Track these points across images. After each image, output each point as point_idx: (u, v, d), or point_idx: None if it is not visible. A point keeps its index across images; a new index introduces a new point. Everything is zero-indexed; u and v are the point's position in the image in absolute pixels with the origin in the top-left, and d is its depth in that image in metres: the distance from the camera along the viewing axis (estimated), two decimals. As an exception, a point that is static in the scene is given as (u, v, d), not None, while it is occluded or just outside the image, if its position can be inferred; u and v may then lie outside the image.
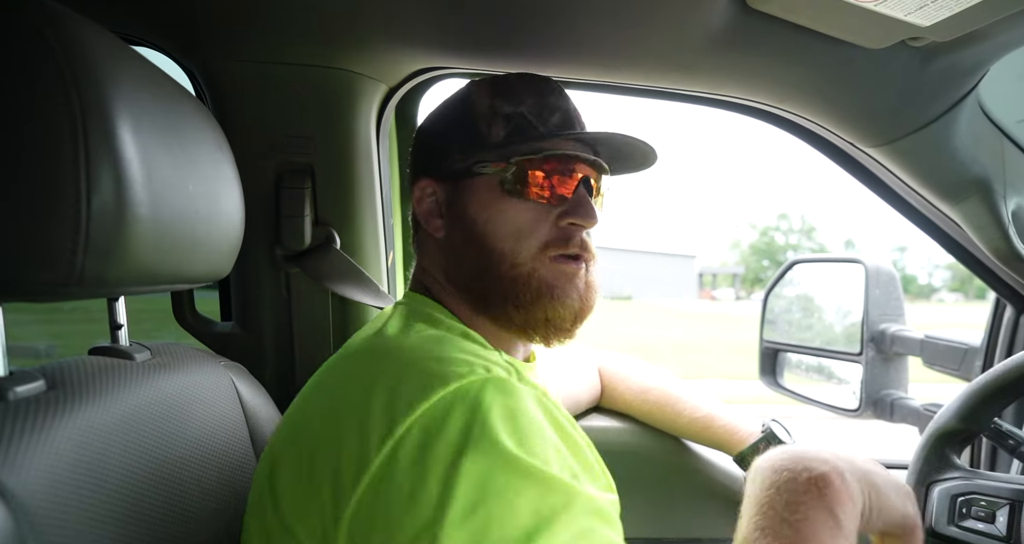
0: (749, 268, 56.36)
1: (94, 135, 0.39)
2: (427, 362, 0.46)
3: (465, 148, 0.61)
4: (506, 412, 0.42)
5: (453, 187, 0.62)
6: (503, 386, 0.44)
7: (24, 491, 0.36)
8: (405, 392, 0.43)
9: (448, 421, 0.41)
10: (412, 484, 0.39)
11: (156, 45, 0.79)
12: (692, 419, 0.90)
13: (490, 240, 0.58)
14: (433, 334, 0.53)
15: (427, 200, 0.63)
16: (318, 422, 0.47)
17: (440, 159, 0.63)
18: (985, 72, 0.75)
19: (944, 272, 58.31)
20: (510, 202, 0.59)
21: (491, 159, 0.59)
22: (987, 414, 0.75)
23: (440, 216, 0.63)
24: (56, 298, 0.42)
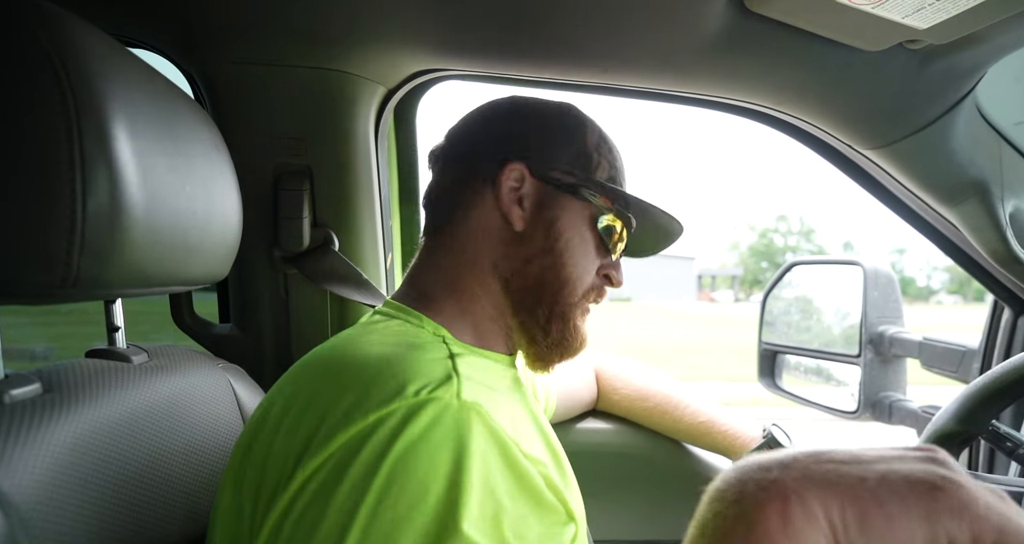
0: (748, 270, 56.43)
1: (89, 137, 0.38)
2: (359, 384, 0.44)
3: (574, 166, 0.60)
4: (420, 441, 0.40)
5: (547, 191, 0.60)
6: (433, 407, 0.41)
7: (20, 494, 0.36)
8: (328, 420, 0.42)
9: (359, 456, 0.39)
10: (314, 518, 0.38)
11: (153, 47, 0.79)
12: (693, 424, 0.89)
13: (565, 260, 0.59)
14: (388, 346, 0.50)
15: (511, 184, 0.59)
16: (257, 438, 0.46)
17: (544, 157, 0.60)
18: (983, 75, 0.75)
19: (943, 274, 58.43)
20: (591, 236, 0.61)
21: (599, 193, 0.61)
22: (985, 416, 0.75)
23: (521, 207, 0.59)
24: (52, 300, 0.41)
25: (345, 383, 0.44)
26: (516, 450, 0.44)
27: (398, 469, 0.38)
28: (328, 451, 0.40)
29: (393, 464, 0.39)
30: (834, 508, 0.25)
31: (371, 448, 0.39)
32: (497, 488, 0.41)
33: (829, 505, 0.25)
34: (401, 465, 0.39)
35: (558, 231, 0.59)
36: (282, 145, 0.81)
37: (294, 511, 0.39)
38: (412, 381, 0.43)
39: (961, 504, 0.24)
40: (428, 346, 0.50)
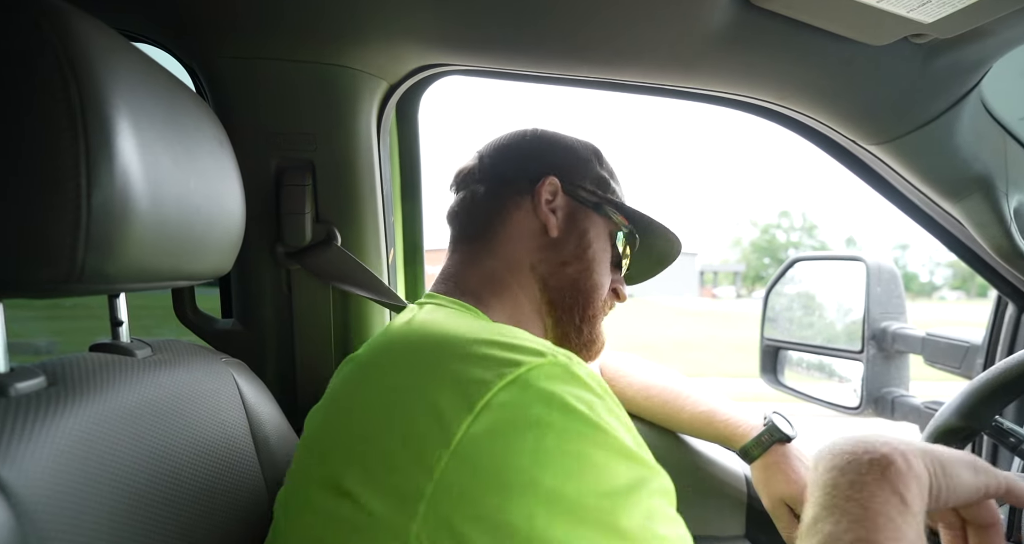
0: (750, 266, 56.36)
1: (94, 130, 0.38)
2: (492, 345, 0.45)
3: (597, 186, 0.70)
4: (580, 392, 0.43)
5: (575, 205, 0.69)
6: (572, 368, 0.45)
7: (24, 487, 0.36)
8: (478, 373, 0.43)
9: (527, 399, 0.41)
10: (498, 460, 0.39)
11: (156, 41, 0.79)
12: (694, 415, 0.90)
13: (594, 267, 0.68)
14: (487, 324, 0.55)
15: (546, 196, 0.68)
16: (379, 410, 0.46)
17: (573, 176, 0.69)
18: (988, 69, 0.74)
19: (945, 270, 58.30)
20: (610, 250, 0.71)
21: (617, 211, 0.71)
22: (988, 412, 0.75)
23: (555, 217, 0.68)
24: (57, 294, 0.41)
25: (474, 348, 0.45)
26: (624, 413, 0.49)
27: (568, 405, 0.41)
28: (493, 390, 0.41)
29: (561, 407, 0.41)
30: (927, 460, 0.43)
31: (534, 393, 0.41)
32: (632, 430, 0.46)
33: (924, 459, 0.43)
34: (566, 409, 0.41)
35: (588, 241, 0.68)
36: (284, 140, 0.81)
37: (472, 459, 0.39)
38: (544, 345, 0.46)
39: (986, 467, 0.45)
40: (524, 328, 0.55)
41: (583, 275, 0.67)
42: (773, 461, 0.83)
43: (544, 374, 0.43)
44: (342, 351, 0.86)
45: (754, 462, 0.84)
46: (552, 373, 0.43)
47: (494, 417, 0.40)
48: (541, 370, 0.43)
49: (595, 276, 0.68)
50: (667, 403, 0.92)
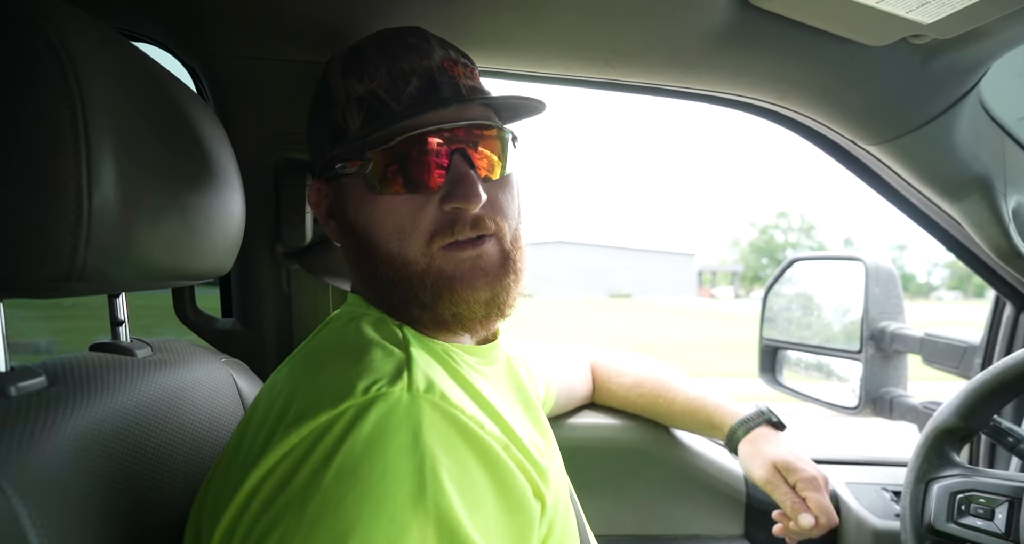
0: (748, 266, 56.41)
1: (95, 130, 0.38)
2: (317, 385, 0.45)
3: (334, 145, 0.55)
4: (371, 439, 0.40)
5: (332, 188, 0.58)
6: (382, 404, 0.41)
7: (26, 484, 0.36)
8: (282, 423, 0.43)
9: (309, 458, 0.40)
10: (264, 523, 0.39)
11: (156, 41, 0.79)
12: (684, 404, 0.90)
13: (375, 243, 0.53)
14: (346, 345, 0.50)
15: (323, 203, 0.59)
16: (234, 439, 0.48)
17: (316, 158, 0.59)
18: (986, 70, 0.75)
19: (943, 270, 58.41)
20: (380, 199, 0.53)
21: (347, 157, 0.54)
22: (987, 412, 0.75)
23: (333, 218, 0.59)
24: (58, 294, 0.41)
25: (301, 388, 0.45)
26: (477, 428, 0.44)
27: (348, 465, 0.38)
28: (280, 453, 0.40)
29: (342, 461, 0.39)
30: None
31: (322, 448, 0.40)
32: (456, 468, 0.41)
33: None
34: (352, 463, 0.39)
35: (351, 220, 0.55)
36: (284, 140, 0.81)
37: (248, 511, 0.40)
38: (362, 379, 0.43)
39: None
40: (383, 342, 0.49)
41: (370, 258, 0.54)
42: (762, 434, 0.84)
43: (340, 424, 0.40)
44: (342, 351, 0.86)
45: (741, 441, 0.84)
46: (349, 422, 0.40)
47: (276, 478, 0.40)
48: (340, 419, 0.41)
49: (383, 246, 0.53)
50: (659, 396, 0.93)
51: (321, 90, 0.58)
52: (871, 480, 1.02)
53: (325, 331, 0.55)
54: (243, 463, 0.43)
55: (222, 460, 0.47)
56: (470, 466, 0.43)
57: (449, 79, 0.54)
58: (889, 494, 0.99)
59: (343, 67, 0.55)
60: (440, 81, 0.53)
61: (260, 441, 0.43)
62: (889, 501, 0.98)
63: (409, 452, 0.40)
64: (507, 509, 0.44)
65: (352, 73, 0.54)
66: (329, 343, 0.52)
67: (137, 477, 0.46)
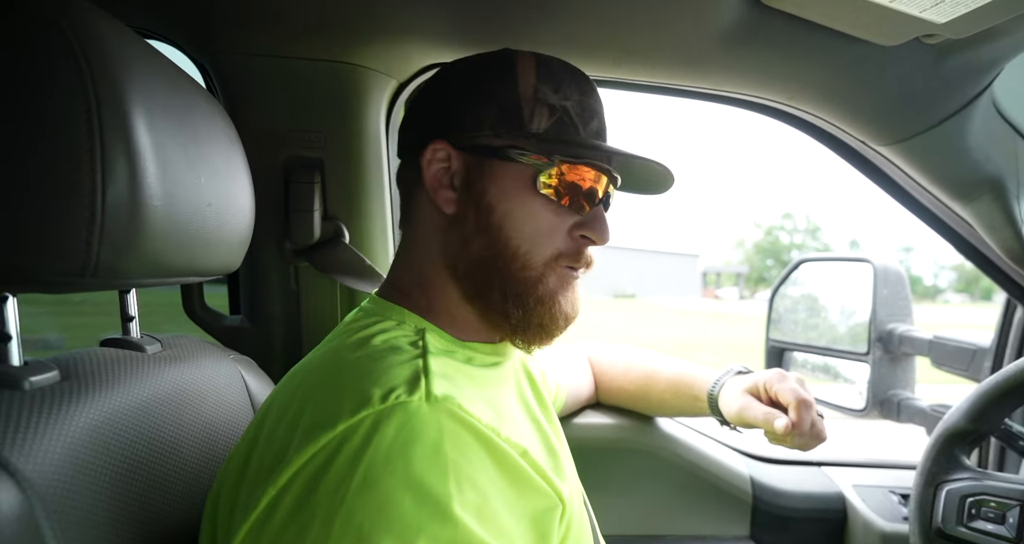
0: (753, 267, 56.20)
1: (109, 127, 0.39)
2: (333, 392, 0.44)
3: (502, 126, 0.55)
4: (393, 447, 0.40)
5: (475, 162, 0.55)
6: (401, 412, 0.42)
7: (39, 477, 0.36)
8: (298, 434, 0.42)
9: (331, 467, 0.39)
10: (289, 535, 0.39)
11: (168, 39, 0.80)
12: (669, 381, 0.89)
13: (506, 233, 0.54)
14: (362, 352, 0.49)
15: (437, 166, 0.56)
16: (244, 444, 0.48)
17: (466, 126, 0.56)
18: (1000, 70, 0.74)
19: (950, 273, 58.00)
20: (537, 200, 0.54)
21: (531, 150, 0.54)
22: (997, 415, 0.75)
23: (452, 188, 0.56)
24: (70, 289, 0.42)
25: (317, 394, 0.45)
26: (494, 436, 0.45)
27: (371, 476, 0.39)
28: (299, 463, 0.40)
29: (365, 472, 0.39)
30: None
31: (343, 458, 0.39)
32: (476, 476, 0.42)
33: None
34: (375, 474, 0.39)
35: (489, 205, 0.54)
36: (293, 137, 0.82)
37: (272, 522, 0.39)
38: (379, 387, 0.43)
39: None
40: (400, 348, 0.50)
41: (493, 248, 0.54)
42: (731, 382, 0.82)
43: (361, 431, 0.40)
44: (349, 348, 0.86)
45: (718, 398, 0.82)
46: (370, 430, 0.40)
47: (296, 490, 0.40)
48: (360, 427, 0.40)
49: (513, 242, 0.54)
50: (648, 377, 0.92)
51: (498, 73, 0.57)
52: (879, 483, 1.01)
53: (342, 333, 0.55)
54: (260, 467, 0.43)
55: (234, 458, 0.47)
56: (489, 474, 0.43)
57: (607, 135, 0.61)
58: (897, 497, 0.99)
59: (537, 71, 0.56)
60: (606, 130, 0.60)
61: (277, 445, 0.43)
62: (897, 504, 0.97)
63: (431, 462, 0.40)
64: (526, 514, 0.45)
65: (548, 81, 0.56)
66: (346, 346, 0.52)
67: (147, 471, 0.46)
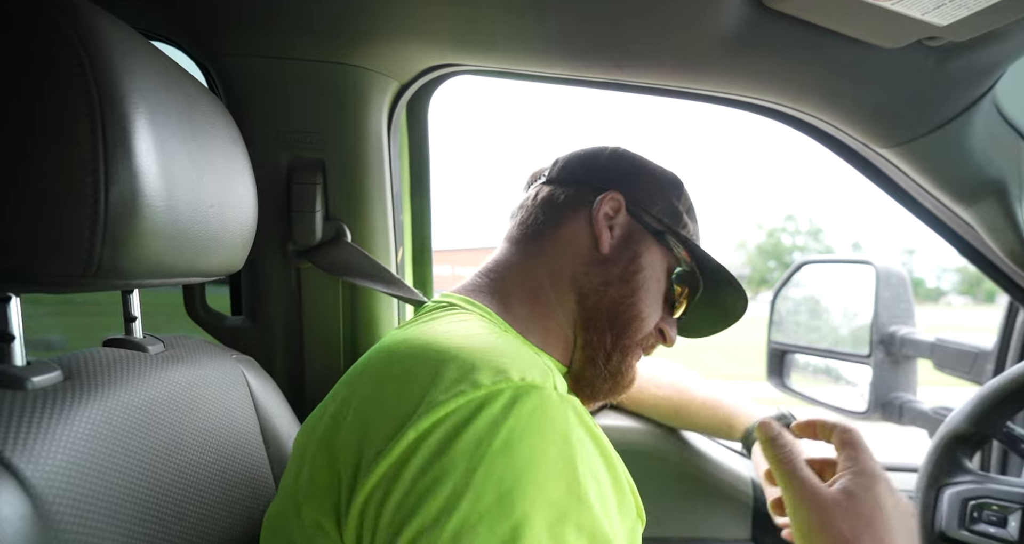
0: (755, 269, 56.12)
1: (111, 126, 0.39)
2: (465, 359, 0.44)
3: (666, 215, 0.66)
4: (531, 421, 0.41)
5: (635, 227, 0.65)
6: (537, 394, 0.42)
7: (42, 478, 0.37)
8: (437, 388, 0.42)
9: (471, 425, 0.39)
10: (427, 481, 0.38)
11: (170, 40, 0.80)
12: (703, 401, 0.90)
13: (640, 294, 0.63)
14: (481, 332, 0.52)
15: (606, 210, 0.64)
16: (351, 413, 0.46)
17: (644, 198, 0.66)
18: (1002, 73, 0.74)
19: (953, 275, 57.84)
20: (663, 284, 0.66)
21: (682, 245, 0.66)
22: (999, 418, 0.74)
23: (611, 235, 0.64)
24: (73, 290, 0.42)
25: (446, 360, 0.44)
26: (608, 445, 0.46)
27: (513, 441, 0.39)
28: (439, 415, 0.40)
29: (507, 436, 0.39)
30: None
31: (484, 418, 0.39)
32: (598, 472, 0.42)
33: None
34: (517, 437, 0.39)
35: (639, 265, 0.64)
36: (295, 138, 0.82)
37: (405, 474, 0.39)
38: (515, 367, 0.43)
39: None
40: (517, 342, 0.52)
41: (626, 300, 0.63)
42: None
43: (497, 401, 0.40)
44: (351, 349, 0.86)
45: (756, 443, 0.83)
46: (511, 399, 0.40)
47: (436, 440, 0.39)
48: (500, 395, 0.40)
49: (639, 305, 0.63)
50: (679, 391, 0.93)
51: (672, 176, 0.70)
52: None
53: (428, 319, 0.56)
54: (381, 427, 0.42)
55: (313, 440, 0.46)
56: (605, 476, 0.44)
57: None
58: (899, 500, 0.98)
59: (690, 198, 0.70)
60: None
61: (407, 392, 0.42)
62: (898, 507, 0.97)
63: (563, 444, 0.40)
64: (626, 524, 0.45)
65: (692, 209, 0.70)
66: (458, 329, 0.52)
67: (150, 471, 0.46)
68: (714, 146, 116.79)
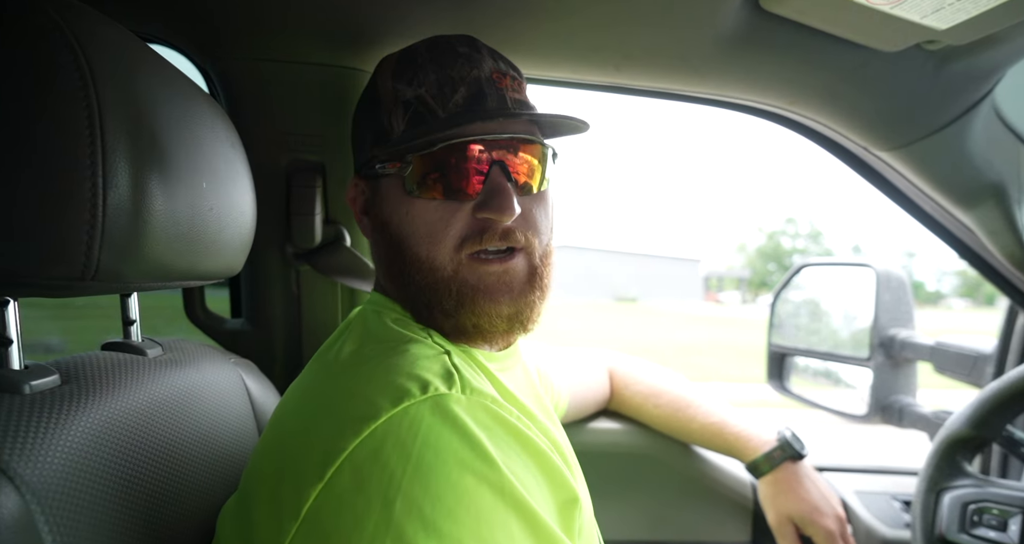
0: (755, 272, 56.11)
1: (111, 130, 0.39)
2: (365, 386, 0.44)
3: (377, 147, 0.56)
4: (442, 434, 0.40)
5: (372, 186, 0.58)
6: (439, 405, 0.42)
7: (39, 481, 0.36)
8: (339, 426, 0.42)
9: (380, 456, 0.39)
10: (346, 524, 0.38)
11: (170, 43, 0.80)
12: (704, 425, 0.89)
13: (406, 244, 0.54)
14: (383, 346, 0.49)
15: (359, 199, 0.61)
16: (272, 445, 0.47)
17: (358, 155, 0.60)
18: (1001, 76, 0.74)
19: (953, 278, 57.86)
20: (416, 203, 0.54)
21: (388, 158, 0.55)
22: (999, 421, 0.74)
23: (368, 215, 0.60)
24: (72, 293, 0.42)
25: (353, 386, 0.45)
26: (527, 430, 0.45)
27: (424, 463, 0.39)
28: (345, 453, 0.40)
29: (418, 458, 0.39)
30: None
31: (391, 446, 0.39)
32: (513, 465, 0.42)
33: None
34: (427, 459, 0.39)
35: (385, 219, 0.56)
36: (295, 141, 0.82)
37: (324, 514, 0.39)
38: (415, 380, 0.43)
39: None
40: (422, 343, 0.50)
41: (399, 259, 0.55)
42: (783, 478, 0.82)
43: (399, 428, 0.40)
44: (349, 352, 0.86)
45: (763, 477, 0.83)
46: (416, 419, 0.40)
47: (345, 482, 0.39)
48: (404, 417, 0.40)
49: (412, 249, 0.54)
50: (678, 411, 0.92)
51: (369, 91, 0.59)
52: (880, 489, 1.01)
53: (356, 330, 0.55)
54: (298, 465, 0.42)
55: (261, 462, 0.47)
56: (530, 467, 0.44)
57: (496, 91, 0.54)
58: (899, 503, 0.98)
59: (393, 70, 0.56)
60: (487, 92, 0.54)
61: (316, 441, 0.42)
62: (899, 510, 0.97)
63: (475, 450, 0.40)
64: (555, 503, 0.45)
65: (402, 77, 0.55)
66: (368, 340, 0.51)
67: (148, 475, 0.46)
68: (714, 149, 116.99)
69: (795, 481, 0.82)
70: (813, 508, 0.80)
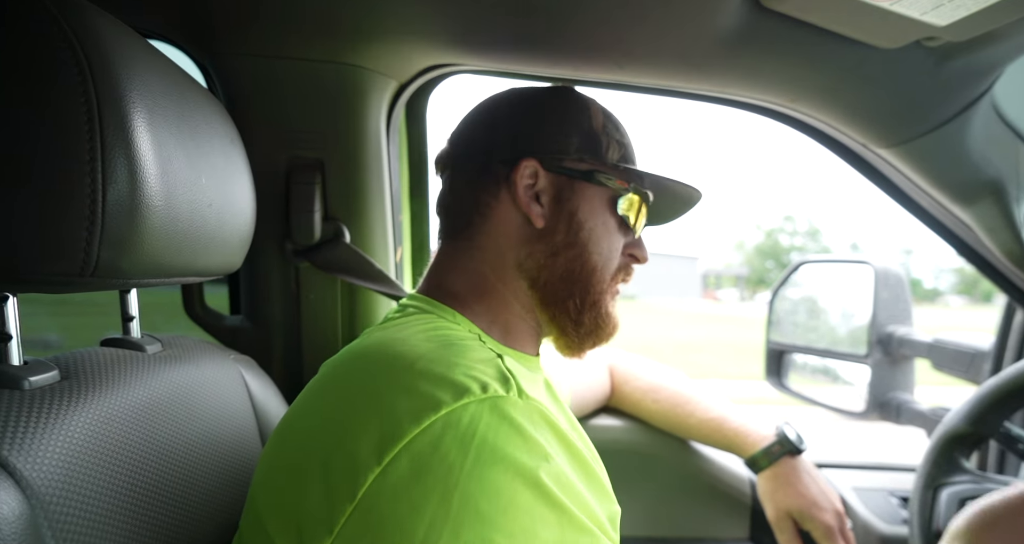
0: (753, 270, 56.19)
1: (110, 126, 0.39)
2: (421, 380, 0.43)
3: (584, 152, 0.60)
4: (500, 433, 0.40)
5: (561, 182, 0.59)
6: (498, 407, 0.42)
7: (38, 477, 0.37)
8: (395, 416, 0.41)
9: (439, 448, 0.39)
10: (403, 512, 0.38)
11: (169, 39, 0.80)
12: (703, 420, 0.90)
13: (591, 249, 0.60)
14: (435, 344, 0.49)
15: (526, 181, 0.59)
16: (309, 436, 0.45)
17: (554, 148, 0.60)
18: (1000, 73, 0.74)
19: (951, 275, 57.98)
20: (611, 220, 0.61)
21: (615, 175, 0.61)
22: (997, 418, 0.75)
23: (539, 204, 0.59)
24: (71, 289, 0.42)
25: (405, 380, 0.43)
26: (575, 440, 0.46)
27: (482, 461, 0.39)
28: (404, 442, 0.39)
29: (476, 455, 0.39)
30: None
31: (450, 440, 0.39)
32: (566, 473, 0.43)
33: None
34: (484, 457, 0.39)
35: (580, 221, 0.59)
36: (294, 138, 0.82)
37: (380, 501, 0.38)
38: (474, 379, 0.43)
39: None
40: (475, 343, 0.50)
41: (578, 261, 0.59)
42: (782, 473, 0.82)
43: (460, 422, 0.40)
44: (349, 349, 0.86)
45: (762, 472, 0.84)
46: (476, 416, 0.40)
47: (403, 470, 0.39)
48: (464, 413, 0.40)
49: (594, 257, 0.59)
50: (676, 407, 0.92)
51: (575, 105, 0.63)
52: (878, 485, 1.01)
53: (393, 326, 0.54)
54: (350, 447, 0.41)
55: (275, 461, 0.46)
56: (579, 476, 0.44)
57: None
58: (896, 500, 0.99)
59: (602, 109, 0.64)
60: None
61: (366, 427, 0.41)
62: (896, 507, 0.97)
63: (533, 452, 0.41)
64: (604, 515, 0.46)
65: (611, 120, 0.64)
66: (418, 337, 0.50)
67: (147, 470, 0.46)
68: (713, 146, 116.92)
69: (794, 476, 0.82)
70: (812, 503, 0.80)
